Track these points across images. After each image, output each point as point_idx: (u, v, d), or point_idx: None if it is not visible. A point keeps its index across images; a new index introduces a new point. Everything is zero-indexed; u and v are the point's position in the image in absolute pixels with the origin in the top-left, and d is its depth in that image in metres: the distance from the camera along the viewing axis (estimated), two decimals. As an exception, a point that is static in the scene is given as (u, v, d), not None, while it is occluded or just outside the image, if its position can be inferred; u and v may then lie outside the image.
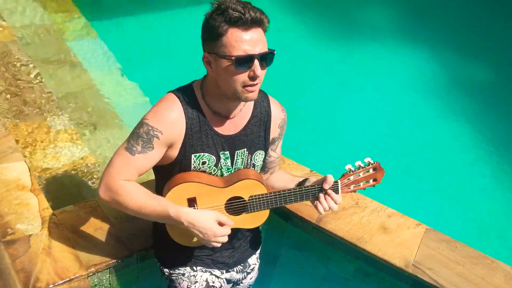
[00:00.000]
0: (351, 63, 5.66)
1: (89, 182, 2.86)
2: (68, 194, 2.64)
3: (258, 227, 2.36)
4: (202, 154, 1.89)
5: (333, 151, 4.17)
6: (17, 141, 2.88)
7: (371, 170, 2.02)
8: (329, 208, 1.94)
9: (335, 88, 5.21)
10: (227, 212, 1.96)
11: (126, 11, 5.47)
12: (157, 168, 1.97)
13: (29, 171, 2.55)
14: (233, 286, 2.28)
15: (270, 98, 2.06)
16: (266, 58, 1.73)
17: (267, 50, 1.73)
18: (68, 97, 3.56)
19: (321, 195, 1.93)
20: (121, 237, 2.31)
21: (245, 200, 1.93)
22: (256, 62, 1.69)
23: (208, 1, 1.75)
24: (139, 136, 1.81)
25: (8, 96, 3.22)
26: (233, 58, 1.67)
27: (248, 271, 2.27)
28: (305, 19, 6.20)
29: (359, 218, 2.69)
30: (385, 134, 4.56)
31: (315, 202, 1.95)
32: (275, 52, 1.76)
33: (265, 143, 2.04)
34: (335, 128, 4.60)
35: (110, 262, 2.19)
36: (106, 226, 2.34)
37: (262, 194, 1.94)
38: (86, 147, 2.97)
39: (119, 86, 4.09)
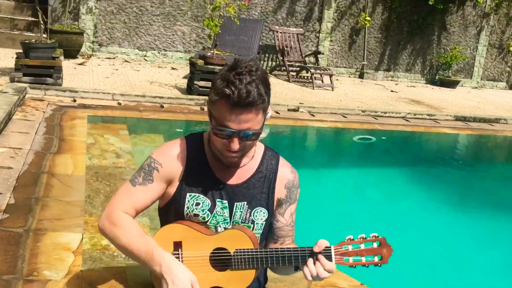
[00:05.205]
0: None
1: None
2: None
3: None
4: (197, 195, 1.89)
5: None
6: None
7: (374, 244, 1.76)
8: (317, 274, 1.75)
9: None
10: (211, 264, 1.83)
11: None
12: (159, 213, 2.02)
13: (81, 241, 2.76)
14: None
15: (281, 158, 2.03)
16: (248, 136, 1.75)
17: (251, 129, 1.73)
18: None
19: (310, 259, 1.77)
20: (129, 298, 2.26)
21: (229, 253, 1.81)
22: (235, 138, 1.73)
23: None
24: (142, 168, 1.92)
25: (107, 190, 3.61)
26: (211, 127, 1.77)
27: None
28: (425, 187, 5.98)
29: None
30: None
31: (303, 265, 1.78)
32: (261, 132, 1.79)
33: (268, 201, 1.95)
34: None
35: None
36: None
37: (247, 249, 1.81)
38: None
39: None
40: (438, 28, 12.52)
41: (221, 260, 1.82)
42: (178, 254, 1.82)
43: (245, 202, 1.91)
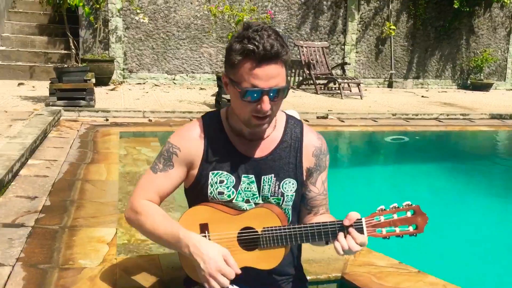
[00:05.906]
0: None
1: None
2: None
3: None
4: (220, 172, 1.84)
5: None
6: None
7: (408, 213, 1.66)
8: (349, 248, 1.68)
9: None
10: (239, 244, 1.80)
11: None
12: (185, 194, 1.98)
13: (115, 234, 2.78)
14: None
15: (305, 125, 1.97)
16: (277, 93, 1.70)
17: (279, 85, 1.68)
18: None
19: (341, 233, 1.70)
20: (165, 283, 2.26)
21: (257, 232, 1.77)
22: (265, 97, 1.68)
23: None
24: (161, 154, 1.88)
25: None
26: (239, 91, 1.68)
27: None
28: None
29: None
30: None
31: (334, 240, 1.72)
32: (288, 88, 1.76)
33: (296, 172, 1.89)
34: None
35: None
36: (155, 272, 2.33)
37: (275, 227, 1.77)
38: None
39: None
40: (465, 32, 12.36)
41: (249, 240, 1.77)
42: (205, 236, 1.79)
43: (273, 175, 1.86)
